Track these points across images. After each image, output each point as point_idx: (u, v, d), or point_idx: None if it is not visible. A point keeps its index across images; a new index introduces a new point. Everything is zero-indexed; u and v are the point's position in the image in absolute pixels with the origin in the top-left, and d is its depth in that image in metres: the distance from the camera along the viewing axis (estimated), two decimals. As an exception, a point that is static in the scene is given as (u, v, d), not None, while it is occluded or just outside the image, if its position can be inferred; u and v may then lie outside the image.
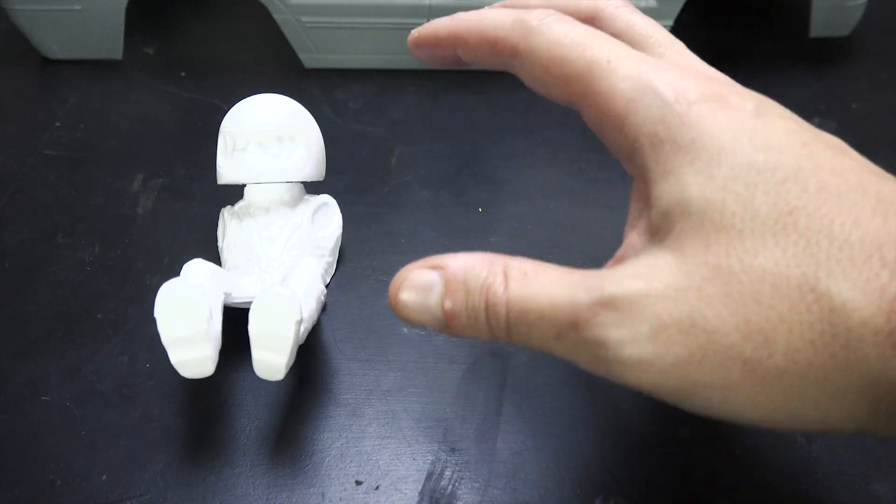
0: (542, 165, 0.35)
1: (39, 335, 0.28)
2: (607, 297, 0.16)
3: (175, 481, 0.24)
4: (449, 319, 0.18)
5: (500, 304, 0.18)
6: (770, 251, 0.15)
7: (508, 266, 0.18)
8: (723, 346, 0.16)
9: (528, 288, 0.17)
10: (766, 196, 0.16)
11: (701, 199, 0.16)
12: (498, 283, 0.18)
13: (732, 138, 0.17)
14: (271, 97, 0.28)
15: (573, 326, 0.17)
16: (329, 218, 0.29)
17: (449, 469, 0.24)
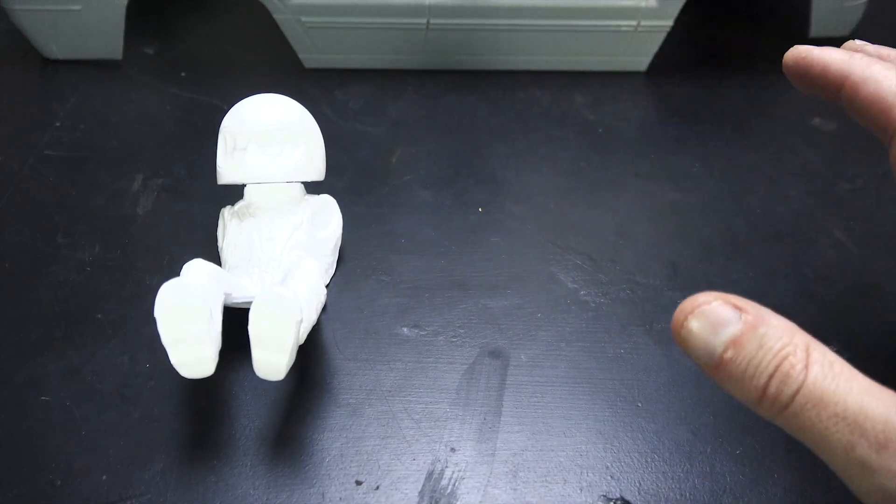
0: (542, 165, 0.35)
1: (39, 335, 0.28)
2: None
3: (175, 481, 0.24)
4: (723, 365, 0.18)
5: (793, 379, 0.17)
6: None
7: (812, 347, 0.17)
8: None
9: (835, 381, 0.17)
10: None
11: None
12: (798, 357, 0.17)
13: None
14: (271, 97, 0.28)
15: (878, 447, 0.16)
16: (329, 218, 0.29)
17: (449, 469, 0.24)
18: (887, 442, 0.16)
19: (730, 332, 0.18)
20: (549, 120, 0.38)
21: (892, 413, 0.16)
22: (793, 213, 0.33)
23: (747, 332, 0.18)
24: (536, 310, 0.29)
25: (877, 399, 0.16)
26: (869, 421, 0.16)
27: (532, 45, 0.39)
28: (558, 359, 0.27)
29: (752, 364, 0.17)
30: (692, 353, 0.18)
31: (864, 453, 0.16)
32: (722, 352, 0.18)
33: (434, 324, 0.28)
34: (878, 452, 0.16)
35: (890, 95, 0.21)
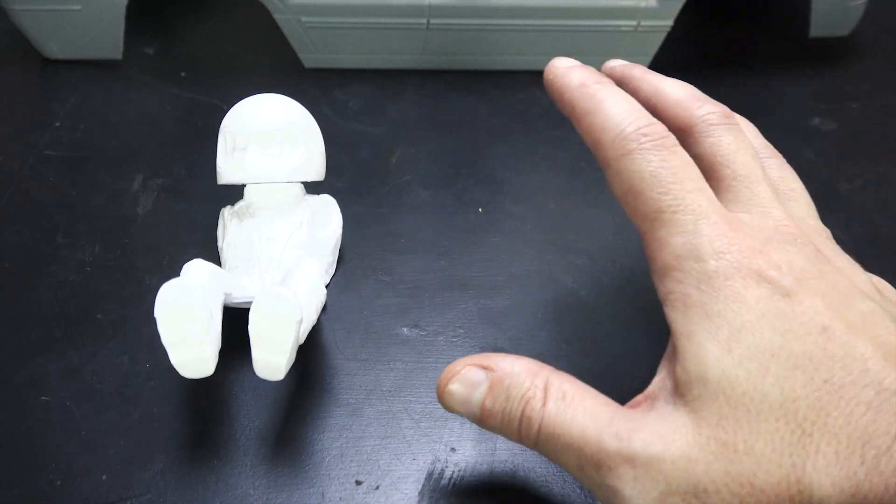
0: (542, 165, 0.35)
1: (39, 335, 0.28)
2: (631, 452, 0.18)
3: (175, 481, 0.24)
4: (485, 418, 0.21)
5: (534, 420, 0.20)
6: (770, 436, 0.17)
7: (550, 383, 0.20)
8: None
9: (563, 414, 0.19)
10: (775, 380, 0.17)
11: (718, 371, 0.18)
12: (537, 399, 0.20)
13: (756, 318, 0.18)
14: (271, 97, 0.28)
15: (595, 467, 0.18)
16: (329, 218, 0.29)
17: (449, 469, 0.24)
18: (600, 462, 0.18)
19: (482, 391, 0.20)
20: (549, 120, 0.38)
21: (604, 435, 0.18)
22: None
23: (496, 387, 0.20)
24: (536, 310, 0.29)
25: (595, 422, 0.19)
26: (587, 445, 0.19)
27: (532, 45, 0.39)
28: (558, 359, 0.27)
29: (505, 412, 0.20)
30: (456, 411, 0.21)
31: (590, 474, 0.19)
32: (479, 409, 0.21)
33: (434, 324, 0.28)
34: (597, 472, 0.18)
35: (598, 130, 0.21)
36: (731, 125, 0.22)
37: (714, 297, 0.18)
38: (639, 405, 0.20)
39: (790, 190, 0.23)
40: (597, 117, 0.21)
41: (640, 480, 0.18)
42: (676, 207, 0.20)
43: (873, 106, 0.39)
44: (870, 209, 0.34)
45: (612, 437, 0.18)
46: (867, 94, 0.40)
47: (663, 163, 0.20)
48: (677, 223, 0.19)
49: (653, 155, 0.20)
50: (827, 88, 0.40)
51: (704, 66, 0.41)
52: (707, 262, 0.19)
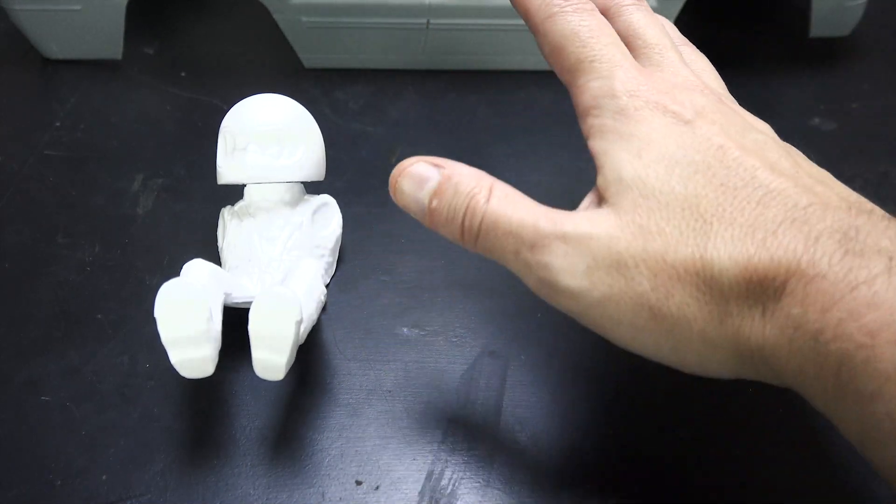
0: (542, 165, 0.35)
1: (39, 335, 0.28)
2: (562, 231, 0.20)
3: (175, 481, 0.24)
4: (431, 213, 0.22)
5: (477, 213, 0.21)
6: (678, 223, 0.20)
7: (495, 185, 0.22)
8: (637, 291, 0.20)
9: (505, 207, 0.21)
10: (679, 180, 0.20)
11: (631, 172, 0.21)
12: (482, 195, 0.21)
13: (661, 136, 0.21)
14: (271, 97, 0.28)
15: (531, 247, 0.21)
16: (329, 218, 0.29)
17: (449, 469, 0.24)
18: (535, 242, 0.21)
19: (431, 186, 0.22)
20: (549, 120, 0.38)
21: (540, 220, 0.21)
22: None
23: (444, 183, 0.22)
24: (536, 310, 0.29)
25: (532, 213, 0.21)
26: (524, 230, 0.21)
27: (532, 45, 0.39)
28: (558, 359, 0.27)
29: (451, 208, 0.22)
30: (407, 208, 0.23)
31: (525, 256, 0.21)
32: (428, 203, 0.22)
33: (434, 324, 0.28)
34: (532, 252, 0.21)
35: (526, 0, 0.24)
36: (641, 5, 0.26)
37: (625, 123, 0.21)
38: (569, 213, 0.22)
39: (700, 69, 0.25)
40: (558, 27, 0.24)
41: (570, 255, 0.20)
42: (594, 57, 0.23)
43: (873, 106, 0.39)
44: (870, 209, 0.34)
45: (547, 221, 0.21)
46: (867, 94, 0.40)
47: (582, 22, 0.23)
48: (595, 70, 0.22)
49: (573, 16, 0.23)
50: (827, 88, 0.40)
51: (704, 66, 0.41)
52: (620, 98, 0.22)
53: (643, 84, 0.22)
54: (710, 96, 0.23)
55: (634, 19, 0.25)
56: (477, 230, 0.21)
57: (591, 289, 0.20)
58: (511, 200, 0.21)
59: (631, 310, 0.20)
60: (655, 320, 0.20)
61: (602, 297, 0.20)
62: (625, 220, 0.20)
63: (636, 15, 0.25)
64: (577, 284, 0.20)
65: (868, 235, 0.18)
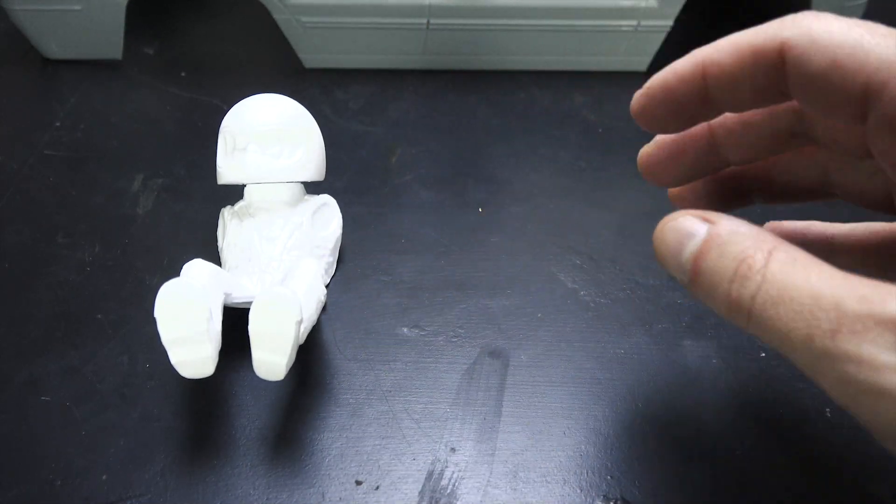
0: (542, 165, 0.35)
1: (39, 335, 0.28)
2: (889, 314, 0.15)
3: (175, 481, 0.24)
4: (694, 277, 0.18)
5: (751, 281, 0.16)
6: None
7: (777, 247, 0.17)
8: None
9: (793, 274, 0.16)
10: None
11: None
12: (759, 258, 0.16)
13: None
14: (271, 97, 0.28)
15: (832, 332, 0.15)
16: (329, 218, 0.29)
17: (449, 469, 0.24)
18: (840, 327, 0.15)
19: (695, 244, 0.17)
20: (549, 120, 0.38)
21: (844, 297, 0.15)
22: (793, 212, 0.33)
23: (710, 241, 0.17)
24: (536, 310, 0.29)
25: (830, 286, 0.15)
26: (821, 310, 0.15)
27: (532, 45, 0.39)
28: (558, 359, 0.27)
29: (716, 272, 0.17)
30: (667, 265, 0.18)
31: (822, 343, 0.15)
32: (691, 266, 0.18)
33: (434, 324, 0.28)
34: (833, 339, 0.15)
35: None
36: None
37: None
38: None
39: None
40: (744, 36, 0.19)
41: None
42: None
43: (873, 106, 0.39)
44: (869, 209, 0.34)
45: (857, 300, 0.15)
46: (867, 94, 0.40)
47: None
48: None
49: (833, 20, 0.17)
50: (827, 88, 0.40)
51: (704, 66, 0.41)
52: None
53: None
54: None
55: None
56: (749, 303, 0.16)
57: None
58: (801, 266, 0.16)
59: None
60: None
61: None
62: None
63: None
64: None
65: None
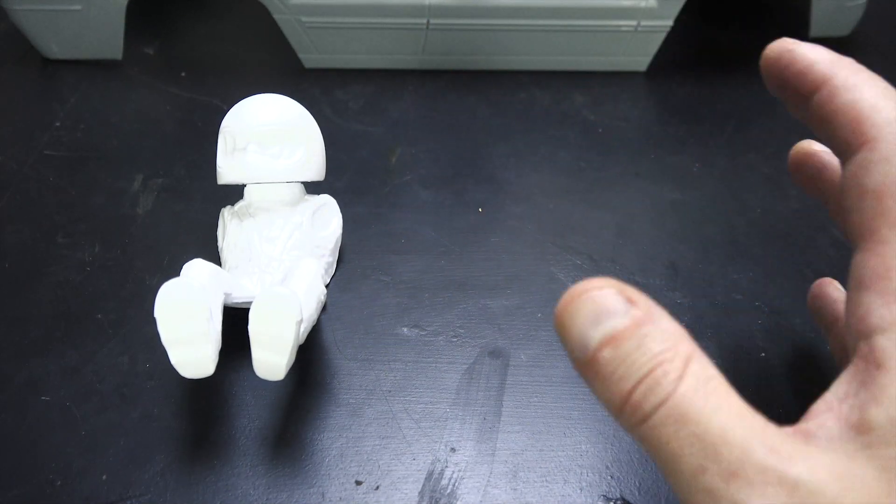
0: (542, 165, 0.35)
1: (39, 335, 0.28)
2: (792, 476, 0.14)
3: (175, 481, 0.24)
4: (593, 361, 0.16)
5: (661, 390, 0.15)
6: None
7: (693, 358, 0.15)
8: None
9: (704, 399, 0.15)
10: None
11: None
12: (673, 367, 0.15)
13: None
14: (271, 97, 0.28)
15: (730, 475, 0.14)
16: (329, 218, 0.29)
17: (449, 469, 0.24)
18: (739, 471, 0.14)
19: (612, 325, 0.16)
20: (549, 120, 0.38)
21: (754, 442, 0.15)
22: (793, 213, 0.33)
23: (631, 329, 0.15)
24: (536, 310, 0.29)
25: (741, 424, 0.15)
26: (726, 446, 0.14)
27: (532, 45, 0.39)
28: (558, 359, 0.27)
29: (625, 364, 0.15)
30: (567, 342, 0.16)
31: (713, 481, 0.14)
32: (597, 345, 0.16)
33: (434, 324, 0.28)
34: (727, 482, 0.14)
35: (867, 107, 0.18)
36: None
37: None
38: (796, 434, 0.16)
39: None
40: (866, 93, 0.19)
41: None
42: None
43: (873, 106, 0.39)
44: (870, 209, 0.34)
45: (765, 448, 0.14)
46: (867, 94, 0.40)
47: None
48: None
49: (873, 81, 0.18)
50: (827, 88, 0.40)
51: (704, 66, 0.41)
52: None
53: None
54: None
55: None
56: (650, 411, 0.15)
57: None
58: (715, 391, 0.15)
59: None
60: None
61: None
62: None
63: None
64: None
65: None
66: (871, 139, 0.18)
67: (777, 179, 0.35)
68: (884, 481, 0.14)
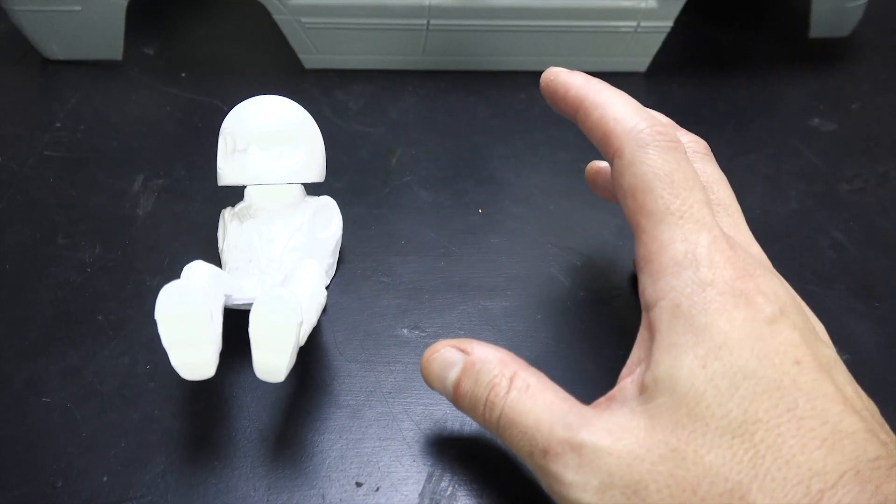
0: (542, 165, 0.35)
1: (40, 336, 0.28)
2: (578, 441, 0.19)
3: (175, 483, 0.24)
4: (457, 397, 0.22)
5: (497, 406, 0.21)
6: (722, 451, 0.17)
7: (517, 375, 0.21)
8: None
9: (524, 403, 0.20)
10: (741, 401, 0.18)
11: (688, 384, 0.18)
12: (502, 387, 0.21)
13: (738, 338, 0.18)
14: (272, 98, 0.28)
15: (543, 452, 0.19)
16: (329, 219, 0.29)
17: (449, 470, 0.24)
18: (548, 448, 0.19)
19: (455, 372, 0.22)
20: (549, 120, 0.38)
21: (555, 423, 0.19)
22: (793, 213, 0.33)
23: (467, 370, 0.21)
24: (536, 310, 0.29)
25: (550, 412, 0.20)
26: (539, 432, 0.19)
27: (532, 46, 0.39)
28: (558, 359, 0.28)
29: (473, 396, 0.21)
30: (434, 387, 0.23)
31: (537, 459, 0.20)
32: (451, 389, 0.22)
33: (434, 325, 0.29)
34: (545, 458, 0.19)
35: (612, 121, 0.22)
36: (709, 155, 0.24)
37: (703, 311, 0.19)
38: (599, 405, 0.20)
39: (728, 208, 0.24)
40: (609, 110, 0.22)
41: (584, 468, 0.18)
42: (684, 213, 0.20)
43: (873, 106, 0.39)
44: (870, 209, 0.34)
45: (562, 427, 0.19)
46: (867, 94, 0.40)
47: (678, 165, 0.20)
48: (682, 229, 0.20)
49: (669, 154, 0.21)
50: (827, 89, 0.40)
51: (704, 67, 0.41)
52: (704, 274, 0.19)
53: (730, 260, 0.19)
54: (785, 284, 0.21)
55: (707, 171, 0.23)
56: (496, 423, 0.21)
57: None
58: (531, 394, 0.20)
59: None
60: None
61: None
62: (657, 438, 0.18)
63: (709, 167, 0.24)
64: (588, 500, 0.18)
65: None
66: (618, 148, 0.21)
67: (776, 180, 0.35)
68: (650, 428, 0.18)
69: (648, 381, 0.19)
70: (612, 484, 0.18)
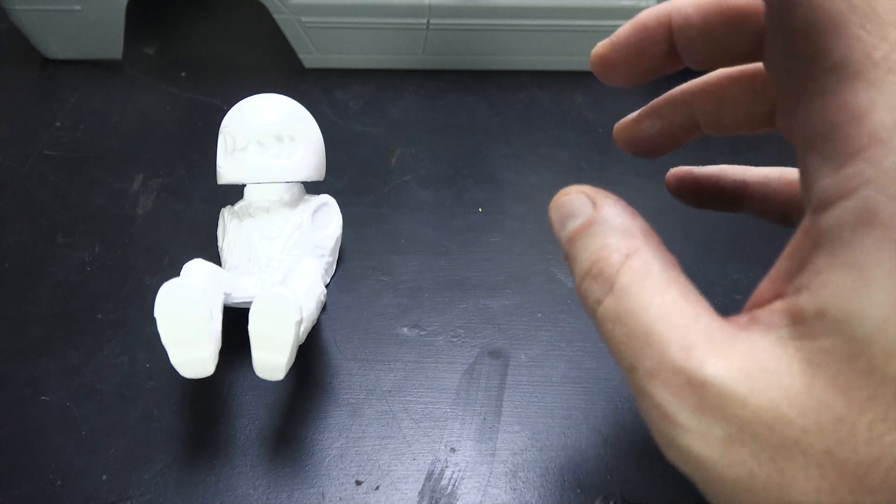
0: (542, 165, 0.35)
1: (39, 335, 0.28)
2: (700, 377, 0.13)
3: (175, 481, 0.24)
4: (567, 255, 0.17)
5: (602, 283, 0.15)
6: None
7: (637, 253, 0.15)
8: (793, 497, 0.13)
9: (634, 296, 0.15)
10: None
11: (875, 328, 0.12)
12: (615, 260, 0.15)
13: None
14: (271, 97, 0.28)
15: (649, 375, 0.14)
16: (329, 218, 0.29)
17: (449, 469, 0.24)
18: (656, 372, 0.14)
19: (571, 226, 0.17)
20: (549, 120, 0.38)
21: (671, 342, 0.14)
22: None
23: (584, 228, 0.16)
24: (536, 310, 0.29)
25: (666, 321, 0.14)
26: (648, 347, 0.14)
27: (532, 45, 0.39)
28: (558, 359, 0.27)
29: (578, 261, 0.16)
30: (555, 230, 0.18)
31: (640, 380, 0.14)
32: (565, 243, 0.17)
33: (434, 324, 0.28)
34: (649, 381, 0.14)
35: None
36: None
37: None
38: (736, 322, 0.15)
39: None
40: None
41: (704, 413, 0.13)
42: (893, 65, 0.13)
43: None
44: (870, 209, 0.34)
45: (680, 348, 0.14)
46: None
47: None
48: (888, 90, 0.13)
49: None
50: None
51: (704, 66, 0.41)
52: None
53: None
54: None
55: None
56: (594, 307, 0.15)
57: (723, 465, 0.13)
58: (648, 286, 0.15)
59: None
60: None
61: (737, 481, 0.13)
62: (816, 396, 0.12)
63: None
64: (707, 454, 0.13)
65: None
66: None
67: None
68: (807, 375, 0.13)
69: (809, 311, 0.13)
70: (742, 441, 0.13)
